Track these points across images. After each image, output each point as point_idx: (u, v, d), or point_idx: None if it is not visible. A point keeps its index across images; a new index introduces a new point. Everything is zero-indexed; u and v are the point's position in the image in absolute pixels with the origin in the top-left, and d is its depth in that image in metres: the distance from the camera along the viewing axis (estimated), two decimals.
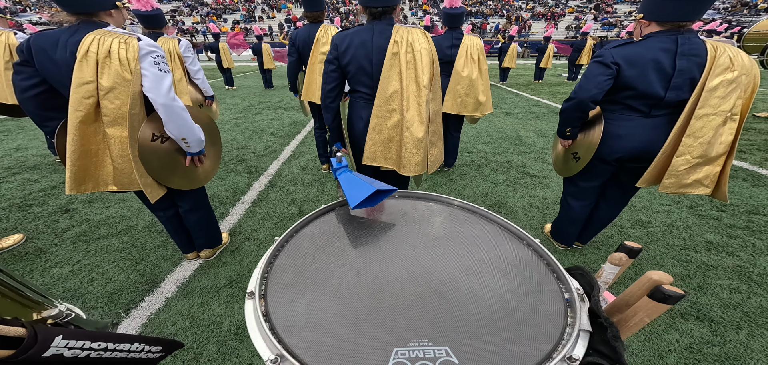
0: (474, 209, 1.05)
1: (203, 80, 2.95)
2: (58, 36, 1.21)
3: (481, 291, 0.71)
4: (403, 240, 0.90)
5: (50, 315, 0.85)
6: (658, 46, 1.34)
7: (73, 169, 1.31)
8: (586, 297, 0.68)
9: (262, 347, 0.59)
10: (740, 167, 3.37)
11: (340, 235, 0.93)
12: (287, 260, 0.82)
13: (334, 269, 0.79)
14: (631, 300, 0.60)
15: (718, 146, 1.37)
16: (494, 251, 0.85)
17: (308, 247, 0.87)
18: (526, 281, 0.75)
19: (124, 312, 1.64)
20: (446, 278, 0.75)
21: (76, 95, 1.21)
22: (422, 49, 1.45)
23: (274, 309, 0.67)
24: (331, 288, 0.73)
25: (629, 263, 0.68)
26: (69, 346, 0.54)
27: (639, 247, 0.67)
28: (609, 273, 0.69)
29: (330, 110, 1.64)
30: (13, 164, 3.56)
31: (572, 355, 0.57)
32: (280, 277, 0.76)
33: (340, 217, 1.03)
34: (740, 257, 2.02)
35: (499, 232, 0.94)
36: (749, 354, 1.41)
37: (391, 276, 0.76)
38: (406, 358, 0.56)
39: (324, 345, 0.59)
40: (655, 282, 0.56)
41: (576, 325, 0.62)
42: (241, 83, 10.61)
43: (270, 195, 2.89)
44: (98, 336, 0.58)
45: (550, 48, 9.77)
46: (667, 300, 0.53)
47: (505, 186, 3.05)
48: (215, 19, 30.10)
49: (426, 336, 0.61)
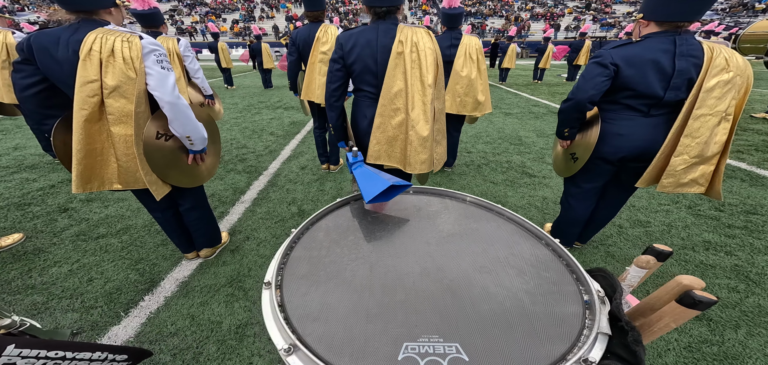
0: (489, 206, 1.03)
1: (203, 80, 2.94)
2: (58, 34, 1.21)
3: (495, 290, 0.70)
4: (416, 236, 0.90)
5: (2, 325, 0.83)
6: (656, 46, 1.34)
7: (79, 168, 1.31)
8: (607, 299, 0.66)
9: (277, 336, 0.60)
10: (738, 167, 3.38)
11: (354, 229, 0.93)
12: (303, 252, 0.82)
13: (348, 263, 0.79)
14: (657, 304, 0.57)
15: (713, 146, 1.39)
16: (510, 249, 0.84)
17: (323, 240, 0.88)
18: (543, 281, 0.73)
19: (124, 312, 1.64)
20: (459, 275, 0.75)
21: (81, 93, 1.21)
22: (427, 48, 1.45)
23: (289, 300, 0.68)
24: (344, 280, 0.73)
25: (657, 266, 0.65)
26: (22, 355, 0.53)
27: (669, 250, 0.64)
28: (634, 276, 0.66)
29: (335, 109, 1.64)
30: (11, 163, 3.54)
31: (588, 358, 0.55)
32: (296, 268, 0.77)
33: (354, 211, 1.03)
34: (738, 256, 2.03)
35: (515, 230, 0.92)
36: (747, 353, 1.41)
37: (404, 271, 0.76)
38: (415, 353, 0.56)
39: (336, 336, 0.60)
40: (685, 287, 0.53)
41: (594, 327, 0.60)
42: (241, 83, 10.60)
43: (270, 195, 2.89)
44: (55, 344, 0.57)
45: (549, 48, 9.79)
46: (697, 305, 0.50)
47: (504, 186, 3.06)
48: (214, 19, 30.05)
49: (436, 331, 0.60)
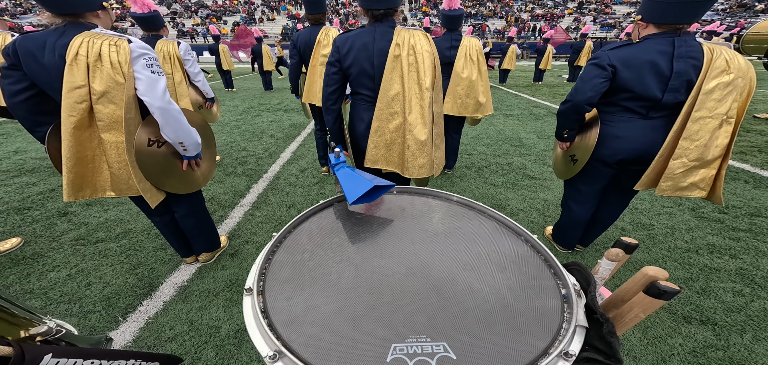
0: (472, 204, 1.04)
1: (203, 82, 2.94)
2: (45, 38, 1.17)
3: (479, 287, 0.71)
4: (401, 236, 0.90)
5: (39, 332, 0.82)
6: (654, 48, 1.33)
7: (69, 176, 1.28)
8: (582, 292, 0.68)
9: (261, 343, 0.58)
10: (742, 169, 3.35)
11: (338, 231, 0.92)
12: (285, 257, 0.81)
13: (333, 265, 0.78)
14: (627, 295, 0.60)
15: (714, 149, 1.36)
16: (492, 246, 0.85)
17: (306, 243, 0.87)
18: (524, 277, 0.75)
19: (122, 317, 1.63)
20: (444, 273, 0.75)
21: (69, 99, 1.17)
22: (424, 51, 1.44)
23: (273, 306, 0.66)
24: (329, 283, 0.72)
25: (626, 259, 0.68)
26: (60, 364, 0.53)
27: (635, 243, 0.67)
28: (605, 269, 0.69)
29: (331, 112, 1.63)
30: (11, 167, 3.55)
31: (569, 351, 0.57)
32: (279, 273, 0.75)
33: (338, 213, 1.02)
34: (743, 260, 2.01)
35: (496, 228, 0.94)
36: (753, 358, 1.39)
37: (390, 271, 0.76)
38: (404, 354, 0.56)
39: (322, 340, 0.59)
40: (651, 278, 0.56)
41: (573, 321, 0.62)
42: (241, 85, 10.62)
43: (269, 198, 2.88)
44: (90, 352, 0.57)
45: (549, 49, 9.79)
46: (662, 295, 0.53)
47: (505, 188, 3.04)
48: (215, 21, 30.17)
49: (424, 331, 0.61)
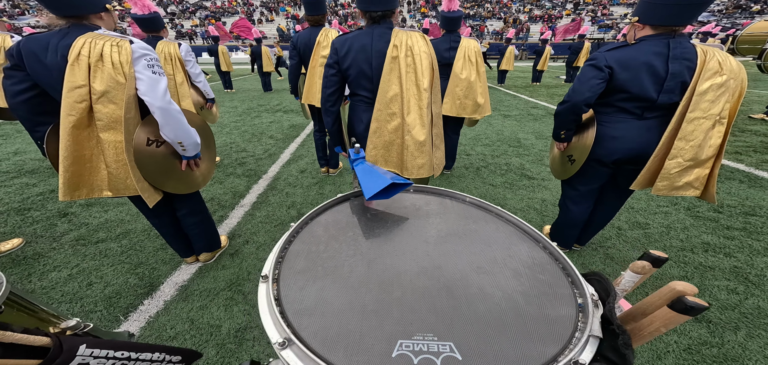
0: (489, 207, 1.04)
1: (204, 83, 2.96)
2: (48, 39, 1.19)
3: (491, 291, 0.71)
4: (415, 234, 0.90)
5: (69, 326, 0.86)
6: (650, 49, 1.36)
7: (66, 175, 1.28)
8: (600, 303, 0.66)
9: (272, 330, 0.60)
10: (737, 169, 3.39)
11: (353, 225, 0.93)
12: (301, 247, 0.82)
13: (346, 259, 0.79)
14: (649, 309, 0.58)
15: (707, 149, 1.40)
16: (508, 251, 0.84)
17: (322, 235, 0.88)
18: (539, 283, 0.73)
19: (123, 316, 1.64)
20: (456, 275, 0.75)
21: (68, 99, 1.18)
22: (421, 52, 1.45)
23: (286, 295, 0.68)
24: (341, 276, 0.73)
25: (652, 272, 0.65)
26: (94, 355, 0.54)
27: (665, 257, 0.64)
28: (628, 281, 0.67)
29: (330, 113, 1.64)
30: (11, 168, 3.55)
31: (579, 360, 0.56)
32: (294, 263, 0.77)
33: (354, 207, 1.03)
34: (737, 258, 2.03)
35: (514, 232, 0.93)
36: (747, 355, 1.42)
37: (401, 269, 0.76)
38: (409, 351, 0.57)
39: (330, 331, 0.60)
40: (678, 293, 0.53)
41: (586, 330, 0.60)
42: (240, 86, 10.62)
43: (269, 198, 2.89)
44: (120, 344, 0.58)
45: (547, 50, 9.84)
46: (688, 311, 0.50)
47: (503, 188, 3.07)
48: (214, 22, 30.12)
49: (431, 330, 0.61)
